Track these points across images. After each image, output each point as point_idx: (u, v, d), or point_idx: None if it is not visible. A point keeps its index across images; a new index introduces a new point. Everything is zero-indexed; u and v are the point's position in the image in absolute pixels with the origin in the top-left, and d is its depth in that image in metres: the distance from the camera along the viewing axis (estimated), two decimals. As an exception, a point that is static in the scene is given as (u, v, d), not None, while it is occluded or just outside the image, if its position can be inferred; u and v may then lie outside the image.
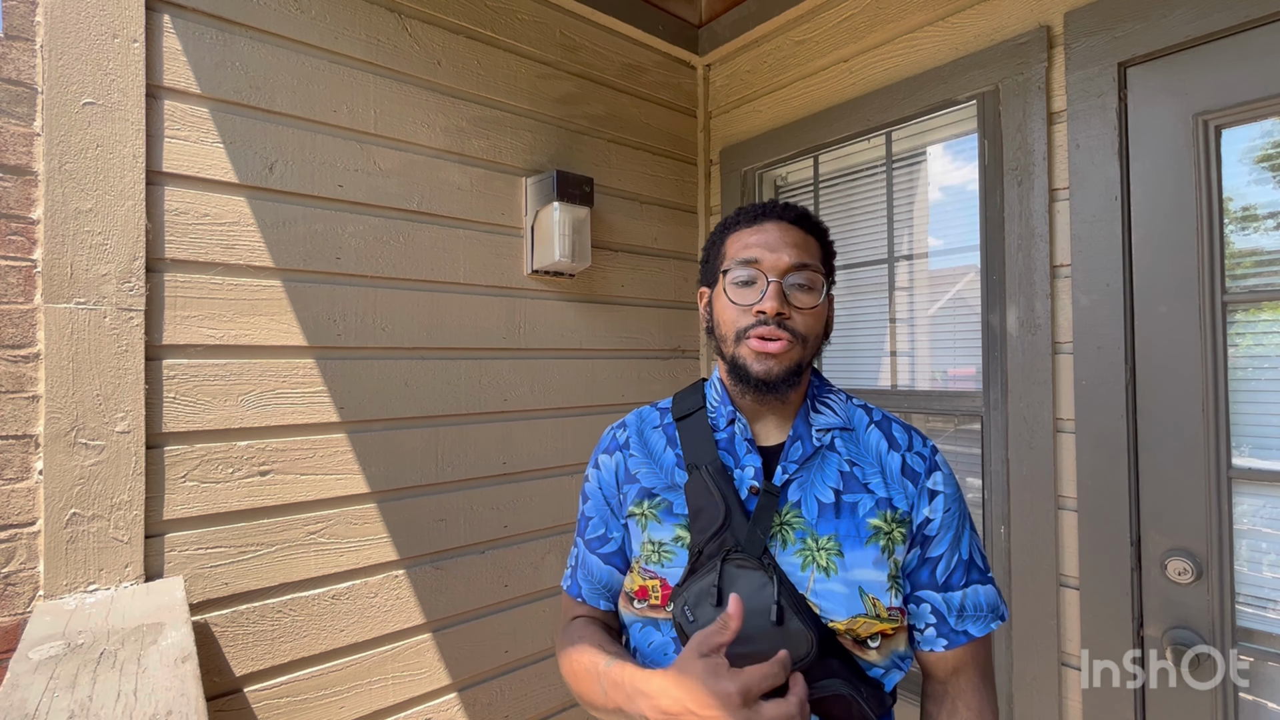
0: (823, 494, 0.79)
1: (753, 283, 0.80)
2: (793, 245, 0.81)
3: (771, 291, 0.78)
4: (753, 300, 0.80)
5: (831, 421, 0.84)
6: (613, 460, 0.91)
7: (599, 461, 0.93)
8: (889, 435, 0.85)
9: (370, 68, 1.40)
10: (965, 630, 0.78)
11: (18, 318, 1.01)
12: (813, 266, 0.81)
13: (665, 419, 0.92)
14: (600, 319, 1.81)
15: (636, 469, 0.88)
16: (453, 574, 1.48)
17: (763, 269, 0.80)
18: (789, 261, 0.79)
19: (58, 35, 1.04)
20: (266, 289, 1.25)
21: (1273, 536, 1.13)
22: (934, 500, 0.80)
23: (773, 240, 0.81)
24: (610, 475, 0.91)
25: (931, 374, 1.68)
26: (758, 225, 0.84)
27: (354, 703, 1.32)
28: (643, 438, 0.91)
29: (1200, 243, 1.17)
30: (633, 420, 0.94)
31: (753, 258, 0.81)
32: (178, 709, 0.75)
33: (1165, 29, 1.19)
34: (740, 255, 0.82)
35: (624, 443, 0.92)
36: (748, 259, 0.81)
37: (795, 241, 0.81)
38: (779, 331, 0.78)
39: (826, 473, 0.81)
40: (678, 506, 0.82)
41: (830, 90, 1.76)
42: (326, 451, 1.31)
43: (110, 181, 1.08)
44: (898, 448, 0.84)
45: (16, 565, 1.00)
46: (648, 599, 0.82)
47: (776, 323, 0.78)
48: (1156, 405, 1.21)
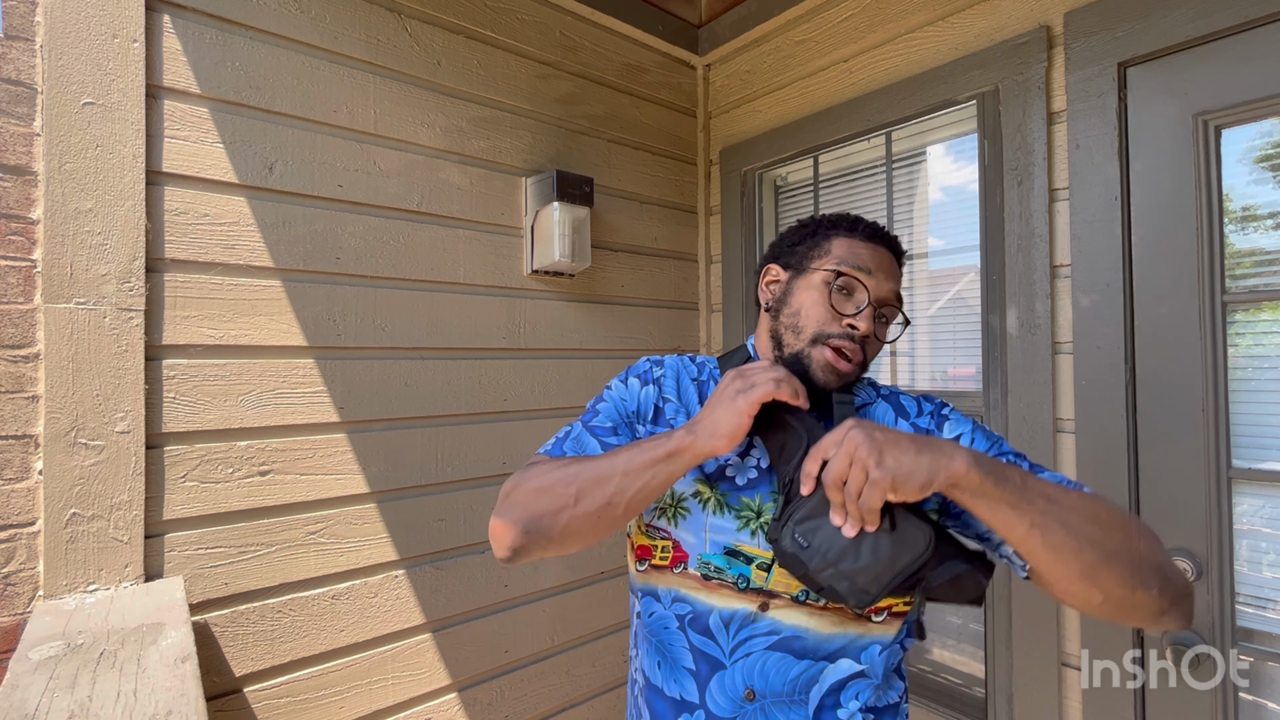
0: None
1: (853, 294, 0.81)
2: (896, 279, 0.84)
3: (868, 314, 0.80)
4: (849, 311, 0.80)
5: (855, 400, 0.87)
6: (643, 390, 0.88)
7: (628, 381, 0.89)
8: (897, 405, 0.88)
9: (370, 68, 1.40)
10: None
11: (18, 318, 1.01)
12: (900, 306, 0.85)
13: (703, 374, 0.91)
14: (600, 319, 1.81)
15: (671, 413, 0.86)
16: (453, 574, 1.48)
17: (869, 287, 0.81)
18: (891, 291, 0.82)
19: (58, 35, 1.04)
20: (266, 289, 1.25)
21: (1273, 536, 1.13)
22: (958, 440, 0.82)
23: (885, 266, 0.82)
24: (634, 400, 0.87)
25: (931, 374, 1.68)
26: (873, 244, 0.84)
27: (354, 703, 1.32)
28: (679, 383, 0.89)
29: (1200, 243, 1.17)
30: (672, 363, 0.91)
31: (868, 270, 0.81)
32: (178, 709, 0.75)
33: (1165, 29, 1.19)
34: (853, 262, 0.82)
35: (657, 379, 0.89)
36: (862, 268, 0.81)
37: (898, 277, 0.85)
38: (859, 353, 0.80)
39: None
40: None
41: (830, 90, 1.76)
42: (326, 451, 1.31)
43: (110, 181, 1.08)
44: (906, 416, 0.87)
45: (16, 565, 1.00)
46: (650, 558, 0.81)
47: (861, 343, 0.80)
48: (1156, 405, 1.21)
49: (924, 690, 1.56)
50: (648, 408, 0.87)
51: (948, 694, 1.53)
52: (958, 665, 1.58)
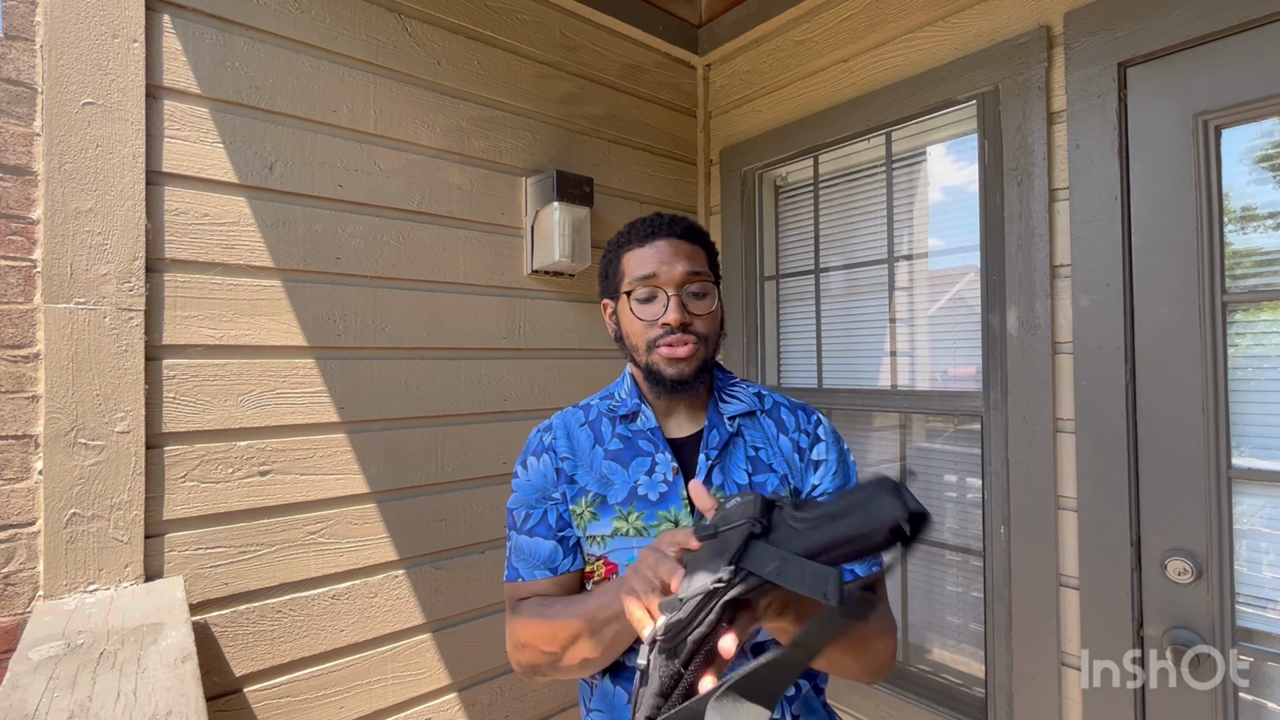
0: (739, 476, 0.87)
1: (654, 298, 0.88)
2: (685, 257, 0.89)
3: (673, 305, 0.86)
4: (656, 314, 0.88)
5: (739, 408, 0.92)
6: (539, 462, 0.94)
7: (526, 463, 0.96)
8: (778, 420, 0.93)
9: (370, 68, 1.40)
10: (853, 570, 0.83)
11: (18, 318, 1.01)
12: (704, 275, 0.89)
13: (590, 414, 0.96)
14: (600, 319, 1.81)
15: (570, 469, 0.92)
16: (453, 574, 1.48)
17: (661, 284, 0.87)
18: (683, 272, 0.87)
19: (58, 35, 1.04)
20: (266, 289, 1.25)
21: (1273, 536, 1.13)
22: (818, 469, 0.90)
23: (665, 255, 0.88)
24: (537, 477, 0.93)
25: (931, 374, 1.68)
26: (650, 242, 0.90)
27: (354, 703, 1.32)
28: (569, 438, 0.94)
29: (1200, 243, 1.17)
30: (559, 420, 0.98)
31: (650, 273, 0.88)
32: (178, 709, 0.75)
33: (1165, 29, 1.19)
34: (638, 272, 0.89)
35: (549, 445, 0.94)
36: (645, 275, 0.88)
37: (685, 253, 0.89)
38: (685, 337, 0.87)
39: (738, 457, 0.89)
40: (612, 498, 0.88)
41: (830, 90, 1.76)
42: (326, 451, 1.31)
43: (110, 181, 1.08)
44: (785, 430, 0.92)
45: (16, 565, 1.00)
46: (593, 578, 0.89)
47: (681, 330, 0.86)
48: (1156, 405, 1.21)
49: (924, 690, 1.56)
50: (552, 475, 0.92)
51: (948, 694, 1.53)
52: (958, 665, 1.58)
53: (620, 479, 0.88)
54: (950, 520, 1.61)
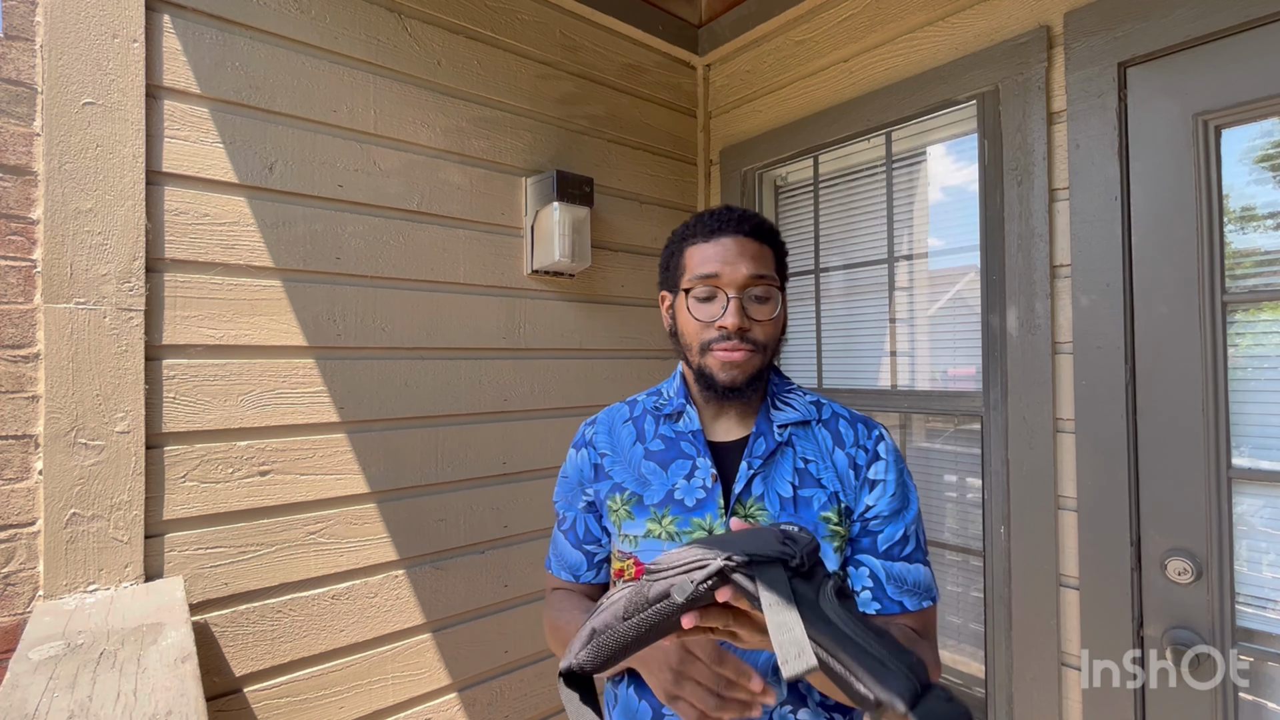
0: (782, 489, 0.84)
1: (713, 298, 0.84)
2: (750, 258, 0.83)
3: (732, 308, 0.82)
4: (714, 315, 0.83)
5: (792, 416, 0.88)
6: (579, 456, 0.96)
7: (570, 455, 0.98)
8: (835, 432, 0.88)
9: (370, 68, 1.40)
10: (901, 602, 0.81)
11: (18, 318, 1.01)
12: (769, 278, 0.84)
13: (635, 410, 0.96)
14: (600, 319, 1.81)
15: (609, 465, 0.92)
16: (453, 574, 1.48)
17: (722, 285, 0.83)
18: (747, 274, 0.82)
19: (58, 35, 1.04)
20: (266, 289, 1.25)
21: (1273, 536, 1.13)
22: (874, 489, 0.84)
23: (730, 254, 0.83)
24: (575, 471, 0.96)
25: (931, 374, 1.68)
26: (716, 238, 0.85)
27: (354, 703, 1.32)
28: (612, 433, 0.94)
29: (1200, 243, 1.17)
30: (604, 416, 0.99)
31: (712, 272, 0.83)
32: (178, 709, 0.75)
33: (1165, 29, 1.19)
34: (699, 270, 0.84)
35: (590, 440, 0.96)
36: (707, 274, 0.83)
37: (752, 254, 0.84)
38: (741, 344, 0.82)
39: (784, 468, 0.85)
40: (648, 499, 0.87)
41: (830, 90, 1.76)
42: (326, 451, 1.31)
43: (110, 181, 1.08)
44: (842, 444, 0.87)
45: (16, 565, 1.00)
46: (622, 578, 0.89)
47: (739, 336, 0.82)
48: (1156, 405, 1.21)
49: (924, 690, 1.56)
50: (588, 471, 0.94)
51: (948, 694, 1.53)
52: (958, 665, 1.58)
53: (659, 480, 0.87)
54: (950, 520, 1.61)
